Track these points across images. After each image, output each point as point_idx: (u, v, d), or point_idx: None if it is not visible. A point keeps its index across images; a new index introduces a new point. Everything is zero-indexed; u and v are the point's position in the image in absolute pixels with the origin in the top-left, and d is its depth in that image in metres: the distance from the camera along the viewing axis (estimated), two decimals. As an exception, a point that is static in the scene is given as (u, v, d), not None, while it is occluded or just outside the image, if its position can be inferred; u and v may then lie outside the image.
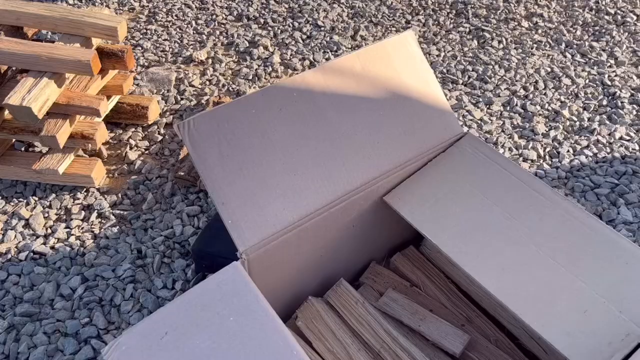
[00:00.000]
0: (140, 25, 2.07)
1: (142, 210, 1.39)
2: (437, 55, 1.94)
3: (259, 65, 1.88)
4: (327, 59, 1.91)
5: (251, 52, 1.93)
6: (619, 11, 2.20)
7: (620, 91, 1.78)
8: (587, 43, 2.01)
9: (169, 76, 1.80)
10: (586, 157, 1.55)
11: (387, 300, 0.96)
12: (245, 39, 2.00)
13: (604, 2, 2.24)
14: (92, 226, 1.35)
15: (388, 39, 0.96)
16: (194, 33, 2.04)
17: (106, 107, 1.43)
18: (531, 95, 1.77)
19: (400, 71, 0.94)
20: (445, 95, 1.74)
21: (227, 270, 0.72)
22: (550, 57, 1.95)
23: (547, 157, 1.56)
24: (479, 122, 1.67)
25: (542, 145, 1.59)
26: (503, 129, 1.65)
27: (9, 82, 1.40)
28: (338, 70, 0.90)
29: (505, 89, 1.79)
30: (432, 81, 0.98)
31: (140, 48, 1.95)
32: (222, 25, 2.09)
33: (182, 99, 1.73)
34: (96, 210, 1.38)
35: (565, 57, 1.95)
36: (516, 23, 2.12)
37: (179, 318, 0.68)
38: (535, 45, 2.00)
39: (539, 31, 2.08)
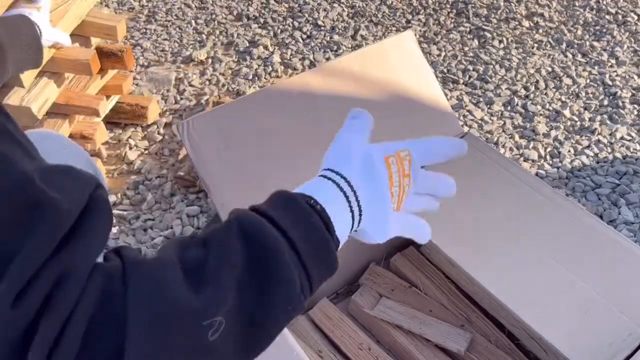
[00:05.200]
0: (140, 25, 2.07)
1: (142, 210, 1.39)
2: (437, 55, 1.94)
3: (259, 65, 1.88)
4: (327, 59, 1.90)
5: (251, 51, 1.92)
6: (619, 11, 2.19)
7: (621, 91, 1.78)
8: (587, 43, 2.01)
9: (169, 76, 1.79)
10: (587, 157, 1.55)
11: (382, 308, 0.96)
12: (245, 39, 2.00)
13: (604, 2, 2.24)
14: (92, 226, 1.34)
15: (387, 39, 0.96)
16: (193, 33, 2.04)
17: (105, 107, 1.43)
18: (532, 95, 1.77)
19: (400, 71, 0.94)
20: (446, 95, 1.73)
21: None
22: (551, 56, 1.94)
23: (548, 157, 1.56)
24: (480, 122, 1.66)
25: (542, 145, 1.58)
26: (504, 129, 1.65)
27: (8, 82, 1.40)
28: (337, 70, 0.90)
29: (506, 88, 1.79)
30: (432, 81, 0.98)
31: (139, 48, 1.95)
32: (222, 25, 2.08)
33: (181, 98, 1.73)
34: (96, 211, 1.38)
35: (566, 56, 1.95)
36: (517, 23, 2.11)
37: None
38: (536, 45, 2.00)
39: (540, 31, 2.08)
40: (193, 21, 2.10)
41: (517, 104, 1.72)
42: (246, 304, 0.40)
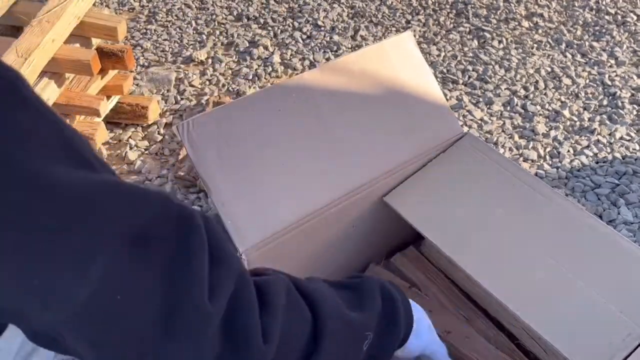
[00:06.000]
0: (140, 25, 2.07)
1: (142, 211, 1.39)
2: (437, 55, 1.94)
3: (259, 65, 1.88)
4: (327, 59, 1.90)
5: (251, 52, 1.93)
6: (619, 11, 2.20)
7: (621, 91, 1.78)
8: (587, 43, 2.01)
9: (169, 76, 1.79)
10: (586, 157, 1.55)
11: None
12: (245, 39, 2.00)
13: (604, 2, 2.24)
14: (92, 226, 1.35)
15: (386, 40, 0.96)
16: (193, 33, 2.04)
17: (106, 107, 1.43)
18: (531, 95, 1.77)
19: (399, 72, 0.94)
20: (446, 95, 1.74)
21: (226, 270, 0.72)
22: (551, 57, 1.95)
23: (547, 157, 1.56)
24: (479, 122, 1.67)
25: (542, 145, 1.59)
26: (503, 129, 1.65)
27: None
28: (336, 71, 0.90)
29: (505, 89, 1.79)
30: (431, 81, 0.98)
31: (140, 48, 1.95)
32: (222, 25, 2.09)
33: (182, 98, 1.73)
34: (96, 211, 1.38)
35: (565, 57, 1.95)
36: (516, 23, 2.12)
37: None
38: (535, 45, 2.00)
39: (539, 31, 2.08)
40: (193, 21, 2.10)
41: (516, 104, 1.73)
42: (374, 340, 0.51)
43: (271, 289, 0.42)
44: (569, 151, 1.57)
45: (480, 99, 1.75)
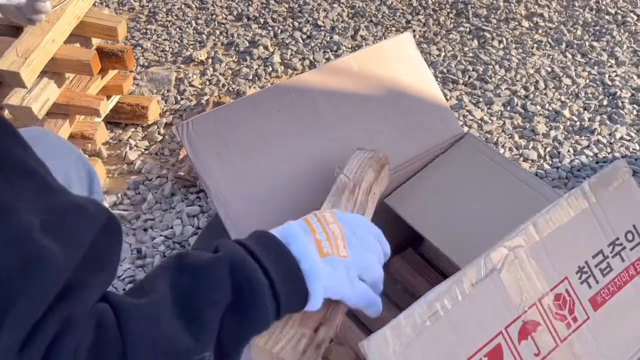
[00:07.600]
0: (140, 25, 2.07)
1: (142, 210, 1.39)
2: (437, 55, 1.94)
3: (259, 65, 1.88)
4: (327, 59, 1.90)
5: (251, 52, 1.93)
6: (619, 11, 2.19)
7: (621, 91, 1.78)
8: (587, 43, 2.01)
9: (169, 76, 1.79)
10: (587, 157, 1.55)
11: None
12: (245, 39, 2.00)
13: (604, 2, 2.24)
14: (92, 226, 1.35)
15: (386, 41, 0.96)
16: (193, 33, 2.04)
17: (106, 107, 1.43)
18: (531, 95, 1.77)
19: (399, 72, 0.94)
20: (446, 95, 1.74)
21: (226, 271, 0.72)
22: (551, 57, 1.95)
23: (547, 157, 1.56)
24: (480, 122, 1.67)
25: (542, 145, 1.59)
26: (503, 129, 1.65)
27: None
28: (336, 71, 0.90)
29: (505, 88, 1.79)
30: (431, 82, 0.98)
31: (140, 48, 1.95)
32: (222, 25, 2.08)
33: (182, 99, 1.73)
34: (96, 211, 1.38)
35: (565, 57, 1.95)
36: (516, 23, 2.11)
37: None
38: (535, 45, 2.00)
39: (540, 31, 2.08)
40: (193, 21, 2.10)
41: (516, 104, 1.73)
42: (224, 338, 0.43)
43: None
44: (569, 151, 1.57)
45: (480, 99, 1.75)
